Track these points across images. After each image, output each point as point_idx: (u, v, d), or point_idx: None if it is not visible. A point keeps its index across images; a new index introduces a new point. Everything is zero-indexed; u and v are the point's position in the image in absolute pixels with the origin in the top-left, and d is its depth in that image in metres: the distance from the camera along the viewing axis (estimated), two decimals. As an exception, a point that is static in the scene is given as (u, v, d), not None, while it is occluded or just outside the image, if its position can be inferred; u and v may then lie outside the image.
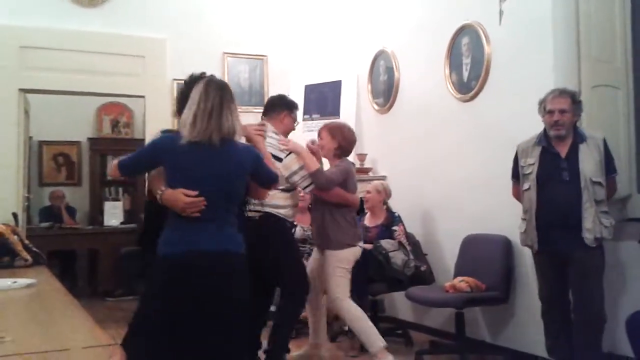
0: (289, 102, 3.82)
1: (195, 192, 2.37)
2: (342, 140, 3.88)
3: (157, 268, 2.39)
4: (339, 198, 3.74)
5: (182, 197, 2.36)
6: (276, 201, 3.45)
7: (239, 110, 6.28)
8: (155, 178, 2.53)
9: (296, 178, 3.54)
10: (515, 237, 3.69)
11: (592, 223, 3.17)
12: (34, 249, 3.66)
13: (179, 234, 2.41)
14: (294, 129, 3.81)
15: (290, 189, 3.58)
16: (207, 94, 2.46)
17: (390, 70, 5.36)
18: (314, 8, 6.05)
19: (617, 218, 3.46)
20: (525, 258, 3.82)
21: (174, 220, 2.43)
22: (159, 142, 2.55)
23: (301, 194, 5.16)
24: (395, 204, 4.79)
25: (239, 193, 2.56)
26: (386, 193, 4.81)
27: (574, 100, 3.30)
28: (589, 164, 3.22)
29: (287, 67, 6.06)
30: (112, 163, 2.58)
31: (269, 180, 2.74)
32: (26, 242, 3.72)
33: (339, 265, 3.68)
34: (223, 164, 2.44)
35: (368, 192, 4.83)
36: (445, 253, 4.62)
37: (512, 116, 3.97)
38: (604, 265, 3.29)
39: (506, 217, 3.86)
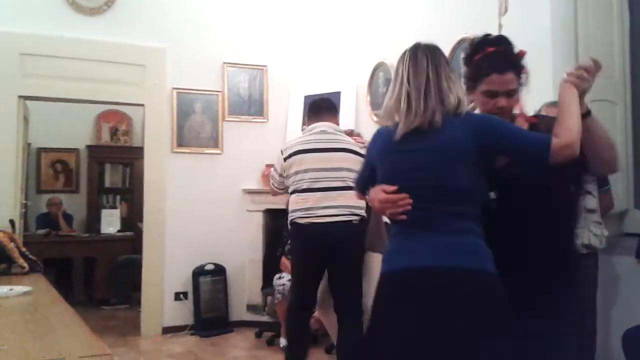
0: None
1: (393, 188, 1.83)
2: None
3: (378, 288, 1.91)
4: None
5: (378, 194, 1.88)
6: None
7: (238, 120, 6.32)
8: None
9: None
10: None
11: (581, 229, 3.20)
12: (31, 256, 3.66)
13: (393, 246, 1.91)
14: None
15: None
16: (417, 66, 1.92)
17: (389, 82, 5.37)
18: (314, 19, 6.07)
19: (614, 233, 3.46)
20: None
21: (392, 229, 1.95)
22: (371, 142, 2.05)
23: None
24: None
25: (464, 186, 1.81)
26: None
27: None
28: None
29: (286, 77, 6.08)
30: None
31: (533, 149, 1.78)
32: (23, 249, 3.72)
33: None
34: (437, 149, 1.82)
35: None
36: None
37: (510, 130, 3.97)
38: (596, 278, 3.31)
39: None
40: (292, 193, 3.52)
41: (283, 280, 4.86)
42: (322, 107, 3.70)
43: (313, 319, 4.46)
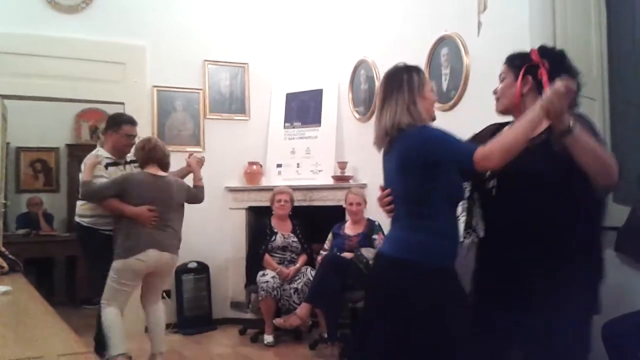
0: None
1: (388, 190, 2.30)
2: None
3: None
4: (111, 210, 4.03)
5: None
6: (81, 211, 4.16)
7: (220, 117, 6.28)
8: None
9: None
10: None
11: None
12: (11, 256, 3.61)
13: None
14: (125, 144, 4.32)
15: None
16: (384, 89, 2.39)
17: (370, 80, 5.39)
18: (296, 16, 6.07)
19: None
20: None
21: None
22: None
23: (285, 202, 5.16)
24: (375, 213, 4.81)
25: (415, 191, 2.16)
26: (365, 202, 4.86)
27: None
28: None
29: (268, 75, 6.07)
30: None
31: (461, 158, 2.10)
32: (2, 249, 3.67)
33: (110, 274, 3.90)
34: (394, 159, 2.24)
35: (351, 203, 4.86)
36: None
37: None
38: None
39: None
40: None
41: (267, 277, 4.86)
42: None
43: (294, 316, 4.48)
